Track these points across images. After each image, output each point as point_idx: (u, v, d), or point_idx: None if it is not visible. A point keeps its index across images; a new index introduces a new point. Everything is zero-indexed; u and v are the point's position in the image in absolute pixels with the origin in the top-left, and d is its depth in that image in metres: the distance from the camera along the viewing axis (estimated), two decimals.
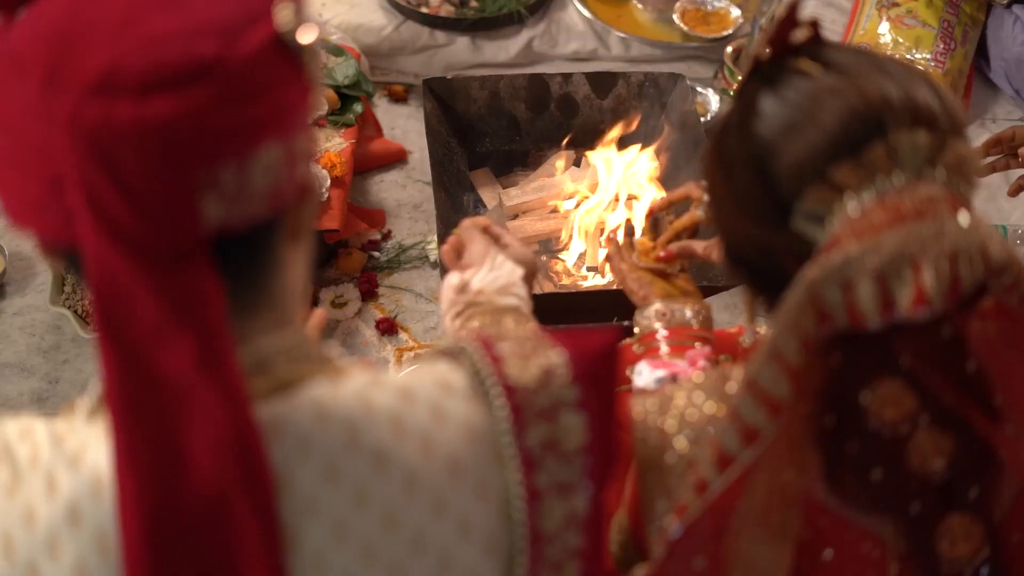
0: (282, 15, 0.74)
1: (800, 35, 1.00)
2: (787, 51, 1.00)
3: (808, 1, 2.68)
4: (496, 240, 1.42)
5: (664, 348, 1.39)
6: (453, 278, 1.36)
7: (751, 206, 1.00)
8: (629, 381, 1.39)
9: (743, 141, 1.00)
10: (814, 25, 1.00)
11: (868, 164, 0.92)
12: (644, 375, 1.35)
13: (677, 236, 1.53)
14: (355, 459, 0.78)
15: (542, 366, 0.84)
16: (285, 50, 0.75)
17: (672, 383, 1.32)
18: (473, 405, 0.83)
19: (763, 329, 1.31)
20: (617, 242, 1.57)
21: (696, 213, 1.49)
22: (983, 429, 0.92)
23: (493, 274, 1.34)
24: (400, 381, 0.83)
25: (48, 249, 0.78)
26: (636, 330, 1.44)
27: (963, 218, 0.90)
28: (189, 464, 0.71)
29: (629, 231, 1.61)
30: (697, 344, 1.39)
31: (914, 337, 0.90)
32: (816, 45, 1.00)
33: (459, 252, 1.44)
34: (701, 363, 1.35)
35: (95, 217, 0.70)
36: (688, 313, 1.42)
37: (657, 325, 1.41)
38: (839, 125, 0.94)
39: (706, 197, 1.08)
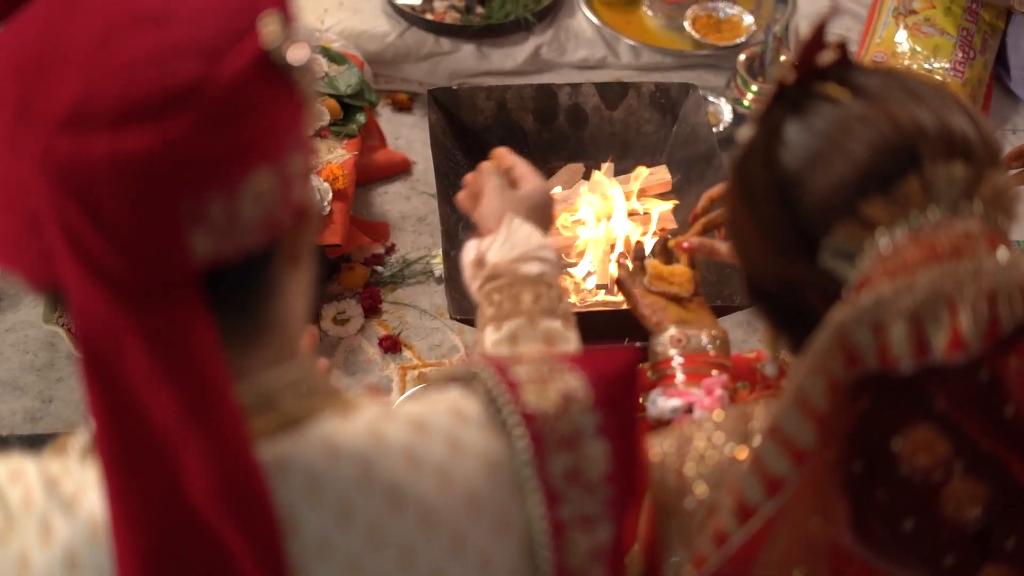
0: (268, 30, 0.69)
1: (827, 57, 0.95)
2: (813, 74, 0.95)
3: (823, 8, 2.63)
4: (511, 177, 1.33)
5: (680, 376, 1.36)
6: (469, 252, 1.30)
7: (775, 239, 0.96)
8: (643, 409, 1.35)
9: (766, 171, 0.95)
10: (842, 47, 0.95)
11: (901, 199, 0.88)
12: (658, 404, 1.33)
13: (707, 231, 1.49)
14: (369, 497, 0.75)
15: (561, 391, 0.81)
16: (272, 68, 0.70)
17: (688, 414, 1.30)
18: (489, 435, 0.80)
19: (784, 355, 1.27)
20: (627, 266, 1.53)
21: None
22: (1022, 476, 0.87)
23: (509, 243, 1.25)
24: (413, 412, 0.80)
25: (35, 287, 0.74)
26: (650, 356, 1.40)
27: (1002, 255, 0.86)
28: (187, 512, 0.68)
29: (639, 254, 1.56)
30: (714, 372, 1.36)
31: (949, 380, 0.86)
32: (844, 68, 0.96)
33: (476, 197, 1.35)
34: (718, 391, 1.32)
35: (75, 257, 0.66)
36: (704, 339, 1.39)
37: (672, 352, 1.38)
38: (870, 157, 0.89)
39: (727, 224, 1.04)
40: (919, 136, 0.89)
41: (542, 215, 1.29)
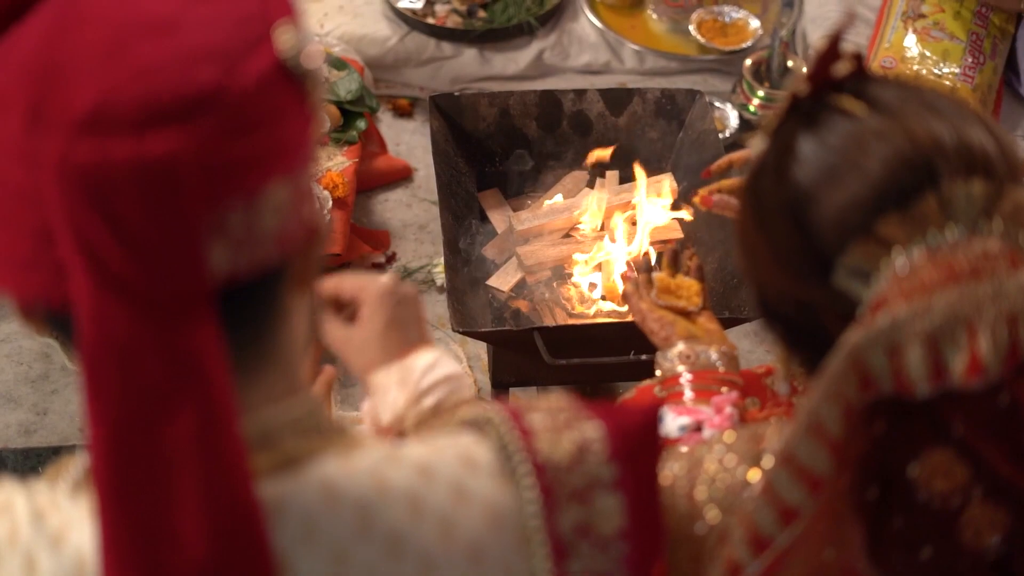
0: (284, 39, 0.68)
1: (842, 68, 0.92)
2: (828, 86, 0.92)
3: (830, 12, 2.60)
4: (343, 303, 1.16)
5: (688, 393, 1.32)
6: (366, 423, 1.15)
7: (788, 258, 0.93)
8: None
9: (779, 187, 0.92)
10: (857, 58, 0.92)
11: (918, 217, 0.85)
12: (666, 422, 1.30)
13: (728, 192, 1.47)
14: (366, 545, 0.72)
15: (576, 441, 0.78)
16: (288, 77, 0.69)
17: (696, 432, 1.27)
18: (499, 484, 0.77)
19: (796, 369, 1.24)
20: (635, 280, 1.50)
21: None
22: None
23: (389, 401, 1.10)
24: (419, 456, 0.77)
25: (30, 311, 0.71)
26: (658, 372, 1.37)
27: (1023, 276, 0.83)
28: (181, 551, 0.65)
29: (647, 267, 1.53)
30: (723, 389, 1.32)
31: (967, 405, 0.84)
32: (860, 80, 0.93)
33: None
34: (727, 409, 1.29)
35: (91, 269, 0.64)
36: (713, 355, 1.36)
37: (680, 368, 1.35)
38: (886, 173, 0.87)
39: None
40: (937, 152, 0.86)
41: (398, 331, 1.13)
